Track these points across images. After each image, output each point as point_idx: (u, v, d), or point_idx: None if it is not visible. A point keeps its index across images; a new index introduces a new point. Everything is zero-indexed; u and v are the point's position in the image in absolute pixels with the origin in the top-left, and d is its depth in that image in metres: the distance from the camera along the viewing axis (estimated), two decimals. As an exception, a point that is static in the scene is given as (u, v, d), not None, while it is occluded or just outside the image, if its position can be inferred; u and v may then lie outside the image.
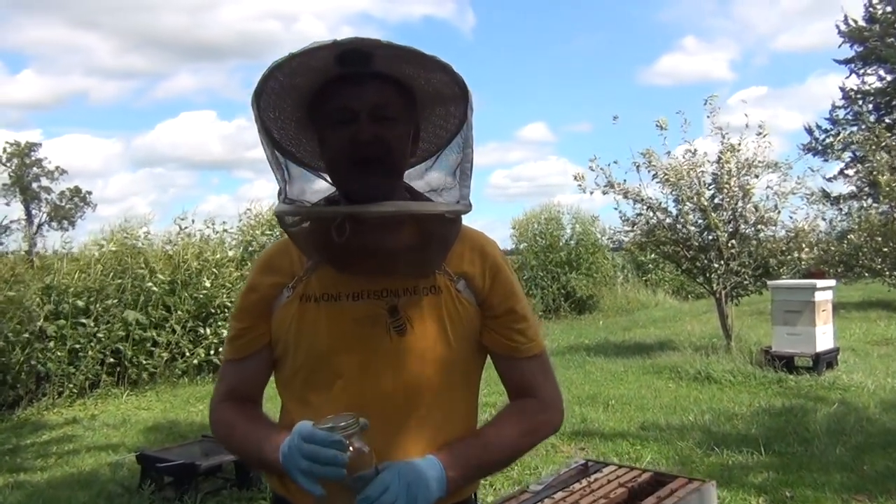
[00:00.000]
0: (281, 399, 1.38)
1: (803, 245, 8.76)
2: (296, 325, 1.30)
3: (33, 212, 45.69)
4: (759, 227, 8.68)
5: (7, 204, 44.02)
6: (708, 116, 8.70)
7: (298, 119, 1.32)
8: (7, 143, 45.52)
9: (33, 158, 46.01)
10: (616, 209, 9.18)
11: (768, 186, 8.70)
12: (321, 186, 1.36)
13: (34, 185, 46.11)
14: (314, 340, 1.29)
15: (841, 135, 22.33)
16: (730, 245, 8.51)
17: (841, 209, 16.28)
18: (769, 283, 8.47)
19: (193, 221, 10.35)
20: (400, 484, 1.13)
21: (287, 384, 1.36)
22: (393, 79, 1.24)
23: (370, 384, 1.27)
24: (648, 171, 8.80)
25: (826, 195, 16.62)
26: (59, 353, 7.66)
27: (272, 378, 1.41)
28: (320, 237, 1.24)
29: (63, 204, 46.70)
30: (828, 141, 24.42)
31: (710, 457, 4.90)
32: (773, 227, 8.81)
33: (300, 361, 1.31)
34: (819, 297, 7.69)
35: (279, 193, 1.27)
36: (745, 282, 8.84)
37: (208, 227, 10.54)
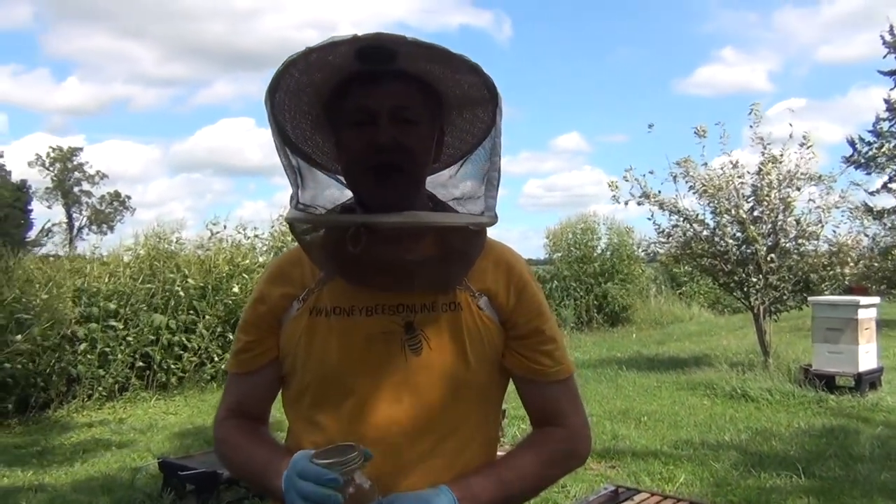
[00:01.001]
0: (287, 419, 1.29)
1: (847, 260, 8.49)
2: (305, 340, 1.21)
3: (74, 215, 46.75)
4: (800, 241, 8.44)
5: (49, 207, 45.13)
6: (751, 126, 8.49)
7: (315, 118, 1.22)
8: (50, 147, 46.79)
9: (75, 163, 47.14)
10: (650, 220, 9.02)
11: (810, 199, 8.47)
12: (337, 192, 1.26)
13: (75, 189, 47.19)
14: (324, 357, 1.19)
15: (885, 147, 21.76)
16: (769, 259, 8.28)
17: (885, 224, 15.86)
18: (810, 299, 8.23)
19: (225, 227, 10.39)
20: None
21: (294, 403, 1.26)
22: (417, 78, 1.15)
23: (382, 406, 1.17)
24: (686, 182, 8.62)
25: (869, 209, 16.21)
26: (89, 356, 7.71)
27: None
28: (333, 247, 1.15)
29: (103, 208, 47.73)
30: (871, 153, 23.85)
31: (746, 479, 4.71)
32: (815, 242, 8.57)
33: (308, 379, 1.22)
34: (862, 314, 7.46)
35: (291, 199, 1.18)
36: (785, 297, 8.60)
37: (239, 232, 10.59)
